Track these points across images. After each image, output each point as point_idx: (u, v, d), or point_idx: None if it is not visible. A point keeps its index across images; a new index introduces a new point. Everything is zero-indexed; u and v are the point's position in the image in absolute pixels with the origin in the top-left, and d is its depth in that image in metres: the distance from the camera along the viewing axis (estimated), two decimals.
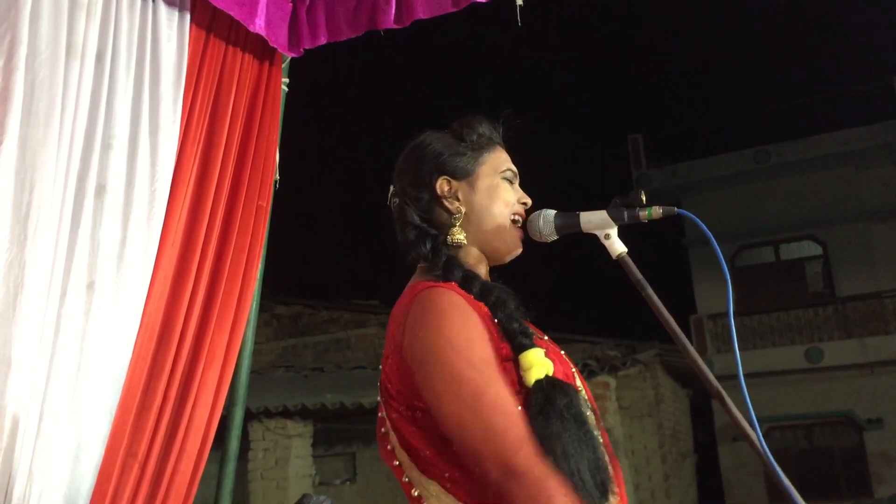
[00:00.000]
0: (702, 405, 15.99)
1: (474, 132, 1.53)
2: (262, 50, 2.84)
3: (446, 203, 1.49)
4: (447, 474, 1.31)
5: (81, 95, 2.22)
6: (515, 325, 1.33)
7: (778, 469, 1.24)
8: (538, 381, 1.27)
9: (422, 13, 2.69)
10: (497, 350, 1.32)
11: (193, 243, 2.49)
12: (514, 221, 1.51)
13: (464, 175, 1.51)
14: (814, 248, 17.07)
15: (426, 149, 1.53)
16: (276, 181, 2.89)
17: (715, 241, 1.44)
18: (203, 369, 2.47)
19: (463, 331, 1.30)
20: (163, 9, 2.50)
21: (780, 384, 15.34)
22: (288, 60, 2.99)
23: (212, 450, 2.49)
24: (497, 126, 1.57)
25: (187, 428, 2.40)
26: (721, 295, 15.12)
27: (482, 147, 1.53)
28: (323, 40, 2.88)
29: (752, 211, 16.73)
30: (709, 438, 16.17)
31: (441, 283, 1.39)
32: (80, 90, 2.22)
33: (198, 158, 2.56)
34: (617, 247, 1.43)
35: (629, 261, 1.40)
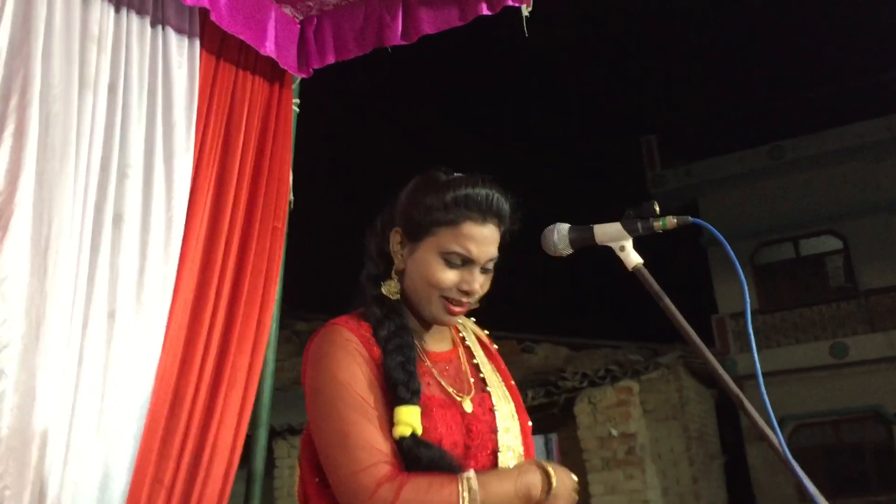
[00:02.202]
0: (728, 406, 15.80)
1: (445, 199, 1.43)
2: (271, 72, 2.86)
3: (392, 255, 1.50)
4: None
5: (96, 126, 2.25)
6: (396, 376, 1.35)
7: (799, 470, 1.23)
8: (402, 439, 1.32)
9: (428, 28, 2.71)
10: (384, 392, 1.37)
11: (211, 268, 2.50)
12: (445, 298, 1.45)
13: (412, 237, 1.47)
14: (834, 243, 16.90)
15: (405, 192, 1.52)
16: (290, 202, 2.90)
17: (729, 247, 1.43)
18: (225, 392, 2.49)
19: (344, 370, 1.36)
20: (173, 36, 2.53)
21: (805, 381, 15.19)
22: (298, 81, 3.01)
23: (238, 467, 2.50)
24: (491, 196, 1.45)
25: (212, 452, 2.41)
26: (741, 293, 15.00)
27: (445, 218, 1.43)
28: (331, 59, 2.90)
29: (769, 207, 16.60)
30: (736, 439, 16.01)
31: (339, 320, 1.45)
32: (94, 121, 2.24)
33: (212, 183, 2.58)
34: (633, 258, 1.42)
35: (645, 272, 1.40)
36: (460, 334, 1.62)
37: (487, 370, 1.57)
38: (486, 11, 2.60)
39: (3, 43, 2.02)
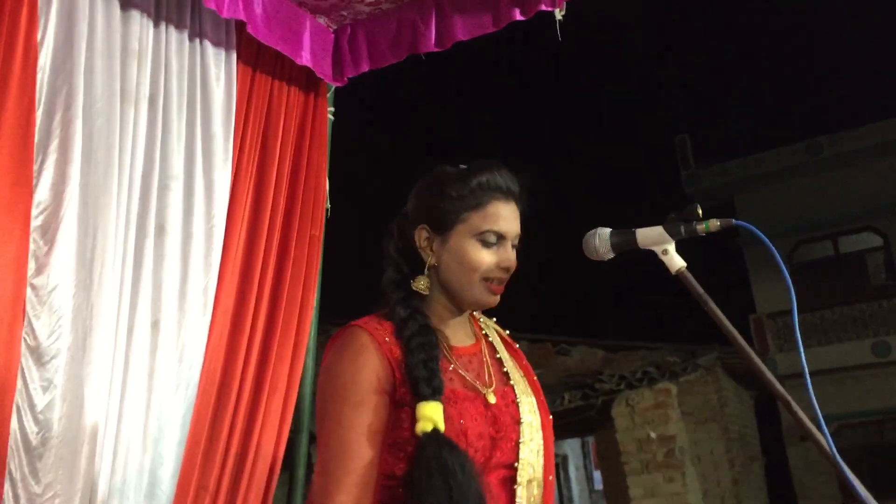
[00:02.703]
0: (767, 406, 15.60)
1: (468, 185, 1.48)
2: (307, 81, 2.89)
3: (421, 252, 1.51)
4: None
5: (137, 140, 2.29)
6: (418, 373, 1.37)
7: (848, 472, 1.21)
8: (425, 434, 1.33)
9: (462, 35, 2.71)
10: (392, 394, 1.39)
11: (251, 276, 2.53)
12: (486, 280, 1.49)
13: (440, 229, 1.50)
14: (874, 240, 16.59)
15: (423, 189, 1.54)
16: (327, 209, 2.93)
17: (774, 249, 1.41)
18: (267, 398, 2.51)
19: (351, 372, 1.39)
20: (210, 49, 2.56)
21: (847, 380, 14.92)
22: (332, 89, 3.04)
23: (279, 472, 2.53)
24: (507, 177, 1.51)
25: (255, 457, 2.44)
26: (780, 293, 14.81)
27: (472, 203, 1.48)
28: (365, 67, 2.92)
29: (807, 205, 16.34)
30: (776, 440, 15.77)
31: (361, 322, 1.47)
32: (135, 135, 2.28)
33: (251, 193, 2.61)
34: (676, 262, 1.41)
35: (689, 275, 1.39)
36: (483, 331, 1.64)
37: (510, 365, 1.59)
38: (519, 17, 2.60)
39: (47, 60, 2.06)
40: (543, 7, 2.56)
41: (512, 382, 1.54)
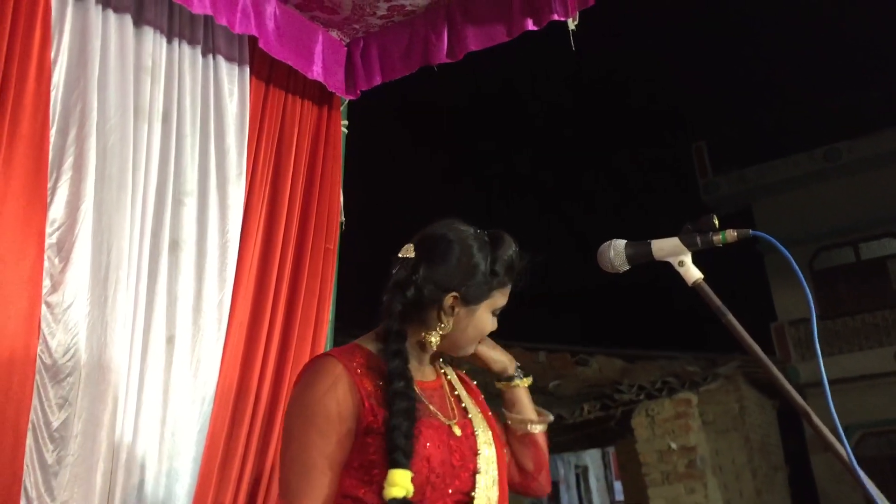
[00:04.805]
0: (790, 415, 15.41)
1: (496, 264, 1.57)
2: (320, 95, 2.89)
3: (442, 314, 1.55)
4: None
5: (151, 155, 2.30)
6: (398, 441, 1.41)
7: (868, 482, 1.19)
8: (394, 500, 1.38)
9: (474, 45, 2.70)
10: (359, 423, 1.45)
11: (265, 290, 2.53)
12: None
13: (470, 302, 1.56)
14: None
15: (456, 253, 1.56)
16: (341, 223, 2.92)
17: (792, 258, 1.39)
18: (283, 414, 2.50)
19: (322, 401, 1.45)
20: (223, 65, 2.57)
21: (870, 388, 14.72)
22: (346, 102, 3.04)
23: None
24: (518, 263, 1.60)
25: (271, 475, 2.43)
26: (801, 300, 14.67)
27: (498, 283, 1.58)
28: (378, 80, 2.92)
29: (827, 211, 16.19)
30: (800, 449, 15.58)
31: (333, 352, 1.53)
32: (149, 150, 2.29)
33: (265, 207, 2.61)
34: (692, 273, 1.39)
35: (706, 287, 1.36)
36: (441, 370, 1.72)
37: (468, 401, 1.68)
38: (532, 26, 2.59)
39: (61, 77, 2.07)
40: (556, 17, 2.54)
41: (470, 416, 1.63)
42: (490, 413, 1.71)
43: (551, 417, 1.79)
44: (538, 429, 1.74)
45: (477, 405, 1.70)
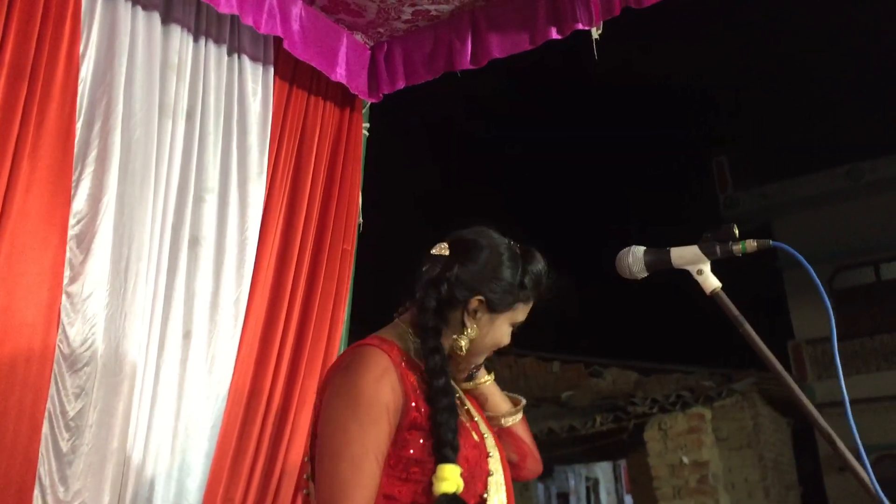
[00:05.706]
0: (804, 434, 15.26)
1: (525, 277, 1.58)
2: (342, 97, 2.91)
3: (466, 318, 1.55)
4: None
5: (174, 152, 2.32)
6: (446, 437, 1.40)
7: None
8: (444, 495, 1.37)
9: (497, 52, 2.71)
10: (403, 418, 1.42)
11: (282, 290, 2.54)
12: None
13: (495, 310, 1.56)
14: None
15: (488, 258, 1.56)
16: (359, 224, 2.94)
17: (813, 271, 1.37)
18: (295, 412, 2.51)
19: (373, 391, 1.40)
20: (248, 64, 2.59)
21: (887, 410, 14.56)
22: (368, 105, 3.05)
23: None
24: (545, 280, 1.61)
25: (282, 472, 2.44)
26: (819, 319, 14.53)
27: (523, 296, 1.58)
28: (401, 84, 2.93)
29: (848, 230, 16.05)
30: (814, 469, 15.42)
31: (373, 342, 1.49)
32: (172, 147, 2.31)
33: (284, 206, 2.62)
34: (711, 282, 1.38)
35: (724, 297, 1.35)
36: None
37: (468, 404, 1.68)
38: (555, 35, 2.59)
39: (88, 71, 2.10)
40: (580, 26, 2.55)
41: (476, 420, 1.64)
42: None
43: (524, 401, 1.79)
44: (511, 422, 1.74)
45: (478, 412, 1.70)
